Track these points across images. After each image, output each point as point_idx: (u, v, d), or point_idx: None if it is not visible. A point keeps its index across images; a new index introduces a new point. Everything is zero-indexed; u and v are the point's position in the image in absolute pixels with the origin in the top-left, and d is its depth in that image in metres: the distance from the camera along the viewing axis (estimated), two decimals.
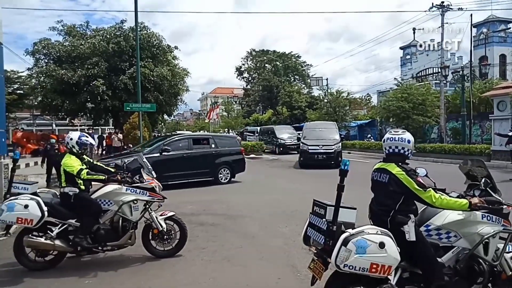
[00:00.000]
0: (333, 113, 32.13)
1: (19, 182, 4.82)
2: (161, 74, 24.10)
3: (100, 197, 4.83)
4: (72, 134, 5.03)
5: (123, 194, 4.82)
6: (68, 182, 4.74)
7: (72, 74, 22.48)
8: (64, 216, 4.67)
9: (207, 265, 4.82)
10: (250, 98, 57.23)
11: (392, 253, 2.74)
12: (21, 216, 4.34)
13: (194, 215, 7.76)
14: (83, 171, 4.65)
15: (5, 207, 4.38)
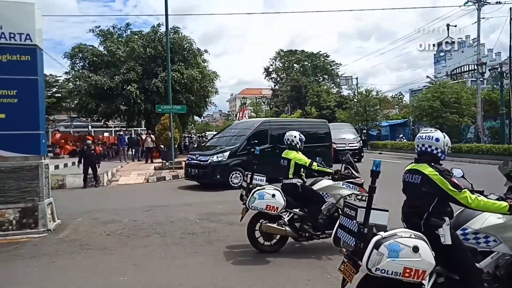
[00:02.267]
0: (363, 113, 31.52)
1: (257, 174, 5.58)
2: (191, 76, 24.55)
3: (319, 190, 5.37)
4: (294, 133, 5.64)
5: (340, 188, 5.34)
6: (295, 174, 5.35)
7: (106, 80, 23.30)
8: (291, 205, 5.17)
9: (236, 265, 4.86)
10: (279, 99, 57.08)
11: (426, 257, 2.65)
12: (269, 204, 4.97)
13: (223, 214, 7.85)
14: (313, 163, 5.30)
15: (257, 196, 5.01)
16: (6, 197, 6.47)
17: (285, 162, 5.51)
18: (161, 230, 6.65)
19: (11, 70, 6.53)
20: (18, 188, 6.55)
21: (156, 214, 7.99)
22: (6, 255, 5.41)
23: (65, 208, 8.20)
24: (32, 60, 6.67)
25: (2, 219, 6.44)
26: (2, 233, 6.38)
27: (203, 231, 6.50)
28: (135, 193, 11.76)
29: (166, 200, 9.95)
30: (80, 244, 5.90)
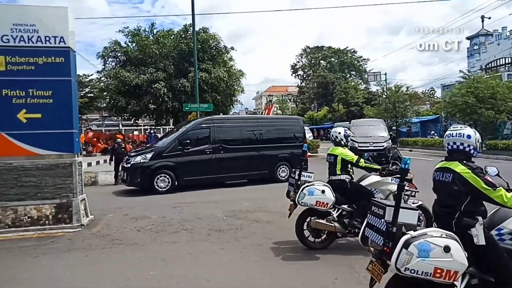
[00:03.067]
0: (393, 109, 30.78)
1: (306, 171, 5.65)
2: (218, 76, 24.80)
3: (367, 186, 5.39)
4: (339, 129, 5.70)
5: (389, 184, 5.34)
6: (342, 170, 5.35)
7: (134, 77, 23.88)
8: (339, 201, 5.19)
9: (263, 262, 4.87)
10: (305, 96, 56.69)
11: (458, 257, 2.57)
12: (319, 200, 5.01)
13: (249, 212, 7.89)
14: (361, 159, 5.33)
15: (307, 192, 5.04)
16: (43, 193, 6.78)
17: (332, 158, 5.50)
18: (188, 226, 6.77)
19: (47, 72, 6.82)
20: (53, 185, 6.84)
21: (183, 211, 8.13)
22: (44, 248, 5.68)
23: (97, 204, 8.49)
24: (66, 62, 6.93)
25: (39, 214, 6.75)
26: (40, 227, 6.69)
27: (230, 228, 6.56)
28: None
29: (193, 197, 10.10)
30: (111, 239, 6.10)
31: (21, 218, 6.70)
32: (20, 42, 6.70)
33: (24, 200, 6.72)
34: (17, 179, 6.69)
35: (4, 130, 6.68)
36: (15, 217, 6.68)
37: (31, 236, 6.40)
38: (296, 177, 5.55)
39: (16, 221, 6.67)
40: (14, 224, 6.66)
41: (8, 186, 6.66)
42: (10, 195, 6.68)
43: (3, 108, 6.67)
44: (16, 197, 6.69)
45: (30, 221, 6.72)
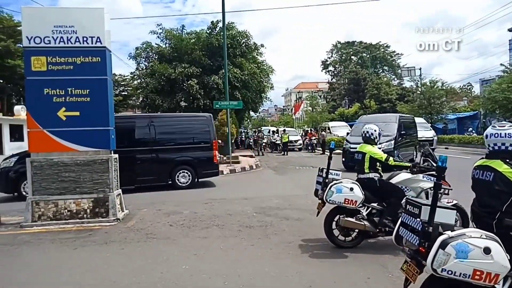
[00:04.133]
0: (427, 105, 29.78)
1: (332, 169, 5.54)
2: (251, 71, 24.90)
3: (398, 184, 5.30)
4: (373, 126, 5.60)
5: (421, 181, 5.24)
6: (371, 168, 5.28)
7: (172, 71, 24.38)
8: (368, 199, 5.15)
9: (293, 259, 4.86)
10: (336, 92, 55.85)
11: (500, 260, 2.45)
12: (348, 198, 4.96)
13: (279, 209, 7.89)
14: (390, 158, 5.23)
15: (335, 190, 5.01)
16: (81, 188, 7.08)
17: (360, 156, 5.42)
18: (219, 222, 6.86)
19: (84, 71, 7.09)
20: (91, 180, 7.12)
21: (214, 207, 8.25)
22: (82, 241, 5.93)
23: (132, 199, 8.77)
24: (102, 61, 7.18)
25: (78, 208, 7.06)
26: (78, 220, 7.00)
27: (260, 225, 6.59)
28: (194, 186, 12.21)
29: (223, 193, 10.23)
30: (146, 233, 6.28)
31: (61, 211, 7.04)
32: (60, 43, 7.01)
33: (64, 194, 7.05)
34: (57, 174, 7.03)
35: (46, 127, 7.02)
36: (56, 211, 7.02)
37: (71, 229, 6.70)
38: (323, 175, 5.48)
39: (57, 214, 7.01)
40: (55, 217, 7.00)
41: (50, 181, 7.01)
42: (51, 189, 7.02)
43: (44, 107, 7.00)
44: (57, 192, 7.03)
45: (69, 215, 7.04)
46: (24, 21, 7.20)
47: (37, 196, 6.99)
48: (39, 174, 7.00)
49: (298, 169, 16.47)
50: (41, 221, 6.94)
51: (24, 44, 7.07)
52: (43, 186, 7.00)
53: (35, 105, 7.11)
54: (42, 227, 6.79)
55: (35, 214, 6.96)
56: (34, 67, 6.97)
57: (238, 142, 29.98)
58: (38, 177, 7.00)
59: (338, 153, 20.34)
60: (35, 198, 6.97)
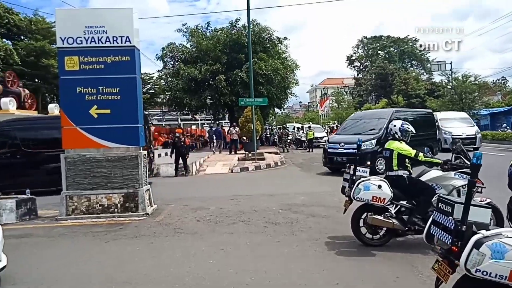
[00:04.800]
0: (459, 101, 28.79)
1: (361, 166, 5.51)
2: (274, 66, 24.86)
3: (428, 181, 5.17)
4: (395, 122, 5.46)
5: (452, 179, 5.08)
6: (399, 165, 5.17)
7: (198, 72, 24.74)
8: (397, 197, 5.05)
9: (320, 257, 4.84)
10: (362, 88, 54.89)
11: None
12: (375, 195, 4.89)
13: (305, 206, 7.86)
14: (419, 153, 5.09)
15: (362, 187, 4.94)
16: (112, 183, 7.31)
17: (388, 153, 5.31)
18: (245, 218, 6.91)
19: (115, 70, 7.30)
20: (121, 176, 7.34)
21: (240, 203, 8.31)
22: (113, 234, 6.13)
23: (160, 195, 8.97)
24: (131, 60, 7.36)
25: (109, 203, 7.30)
26: (109, 214, 7.23)
27: (286, 221, 6.59)
28: (220, 182, 12.36)
29: (249, 189, 10.29)
30: (173, 228, 6.42)
31: (93, 205, 7.29)
32: (91, 43, 7.24)
33: (96, 189, 7.29)
34: (90, 170, 7.28)
35: (79, 124, 7.28)
36: (88, 205, 7.29)
37: (102, 223, 6.94)
38: (351, 172, 5.39)
39: (90, 208, 7.27)
40: (87, 211, 7.27)
41: (83, 176, 7.27)
42: (84, 185, 7.29)
43: (77, 105, 7.26)
44: (89, 187, 7.29)
45: (101, 209, 7.29)
46: (58, 23, 7.49)
47: (71, 191, 7.27)
48: (72, 170, 7.28)
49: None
50: (74, 214, 7.22)
51: (58, 45, 7.35)
52: (76, 181, 7.28)
53: (68, 103, 7.38)
54: (75, 221, 7.07)
55: (69, 208, 7.25)
56: (68, 66, 7.24)
57: (263, 139, 30.02)
58: (71, 172, 7.28)
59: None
60: (69, 193, 7.26)
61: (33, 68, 31.99)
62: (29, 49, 32.16)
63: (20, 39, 34.83)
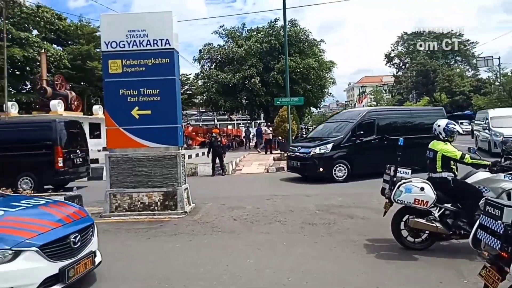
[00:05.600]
0: (508, 98, 27.13)
1: (401, 167, 5.14)
2: (308, 64, 24.75)
3: (475, 183, 4.96)
4: (440, 121, 5.22)
5: (502, 181, 4.84)
6: (444, 167, 4.96)
7: (231, 77, 25.14)
8: (441, 200, 4.86)
9: (359, 259, 4.75)
10: (402, 85, 53.09)
11: None
12: (418, 198, 4.71)
13: (343, 207, 7.73)
14: (466, 155, 4.89)
15: (404, 189, 4.75)
16: (153, 182, 7.55)
17: (431, 154, 5.09)
18: (282, 218, 6.90)
19: (155, 72, 7.53)
20: (161, 175, 7.56)
21: (276, 203, 8.32)
22: (154, 231, 6.34)
23: (198, 194, 9.15)
24: (171, 62, 7.56)
25: (150, 201, 7.55)
26: (150, 212, 7.48)
27: (323, 222, 6.52)
28: (256, 182, 12.43)
29: (285, 189, 10.26)
30: (211, 226, 6.54)
31: (135, 203, 7.57)
32: (133, 46, 7.51)
33: (138, 187, 7.57)
34: (132, 169, 7.57)
35: (121, 125, 7.58)
36: (130, 202, 7.58)
37: (143, 220, 7.19)
38: (391, 173, 5.19)
39: (131, 206, 7.56)
40: (130, 208, 7.56)
41: (125, 175, 7.57)
42: (126, 183, 7.58)
43: (120, 106, 7.57)
44: (131, 185, 7.58)
45: (142, 207, 7.56)
46: (102, 28, 7.85)
47: (114, 189, 7.60)
48: (115, 169, 7.60)
49: None
50: (117, 212, 7.53)
51: (102, 49, 7.70)
52: (120, 179, 7.59)
53: (112, 105, 7.72)
54: (118, 218, 7.38)
55: (113, 205, 7.57)
56: (111, 69, 7.56)
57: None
58: (115, 171, 7.60)
59: None
60: (112, 191, 7.59)
61: (79, 71, 33.73)
62: (76, 53, 33.93)
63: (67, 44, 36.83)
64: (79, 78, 34.30)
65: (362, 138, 11.68)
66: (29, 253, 3.34)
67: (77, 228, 3.92)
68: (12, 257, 3.25)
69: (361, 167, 11.54)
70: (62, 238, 3.65)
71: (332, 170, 11.29)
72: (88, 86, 35.59)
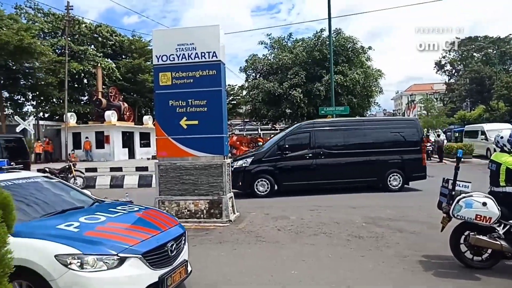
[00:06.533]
0: None
1: (460, 180, 4.82)
2: (354, 79, 24.34)
3: None
4: (503, 132, 4.99)
5: None
6: (508, 181, 4.64)
7: (276, 87, 25.36)
8: (506, 216, 4.56)
9: (409, 275, 4.53)
10: (455, 94, 50.37)
11: None
12: (480, 213, 4.45)
13: (391, 220, 7.45)
14: None
15: (463, 204, 4.52)
16: (199, 190, 7.74)
17: (494, 166, 4.76)
18: (327, 230, 6.77)
19: (202, 84, 7.76)
20: (207, 183, 7.73)
21: (321, 214, 8.17)
22: (200, 239, 6.47)
23: (242, 203, 9.24)
24: (217, 74, 7.76)
25: (196, 208, 7.73)
26: (196, 220, 7.65)
27: (370, 236, 6.31)
28: (300, 192, 12.29)
29: (330, 201, 10.06)
30: (255, 235, 6.56)
31: (182, 211, 7.78)
32: (182, 59, 7.80)
33: (185, 195, 7.79)
34: (179, 177, 7.81)
35: (170, 135, 7.87)
36: (177, 210, 7.80)
37: (190, 227, 7.33)
38: (449, 186, 4.87)
39: (179, 213, 7.77)
40: (177, 215, 7.73)
41: (173, 183, 7.82)
42: (174, 191, 7.83)
43: (169, 117, 7.86)
44: (179, 193, 7.81)
45: (188, 214, 7.75)
46: (154, 42, 8.25)
47: (163, 196, 7.87)
48: (164, 177, 7.88)
49: None
50: None
51: (154, 62, 8.08)
52: (168, 187, 7.85)
53: (162, 116, 8.04)
54: None
55: None
56: (162, 82, 7.89)
57: None
58: (163, 179, 7.88)
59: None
60: (161, 198, 7.86)
61: (131, 83, 35.61)
62: (128, 66, 35.93)
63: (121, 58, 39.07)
64: (131, 89, 36.23)
65: (288, 152, 11.16)
66: (134, 259, 3.30)
67: (173, 236, 3.85)
68: (117, 263, 3.21)
69: (289, 183, 11.14)
70: (161, 245, 3.59)
71: (254, 184, 11.02)
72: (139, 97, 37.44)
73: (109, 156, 27.71)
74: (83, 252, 3.13)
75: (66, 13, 29.09)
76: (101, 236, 3.42)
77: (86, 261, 3.10)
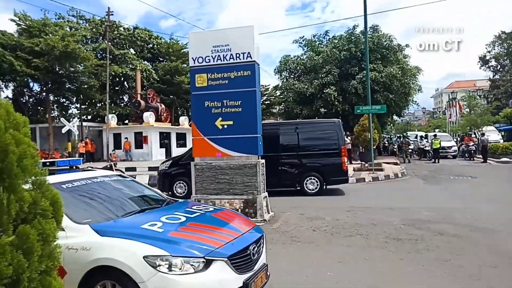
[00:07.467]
0: None
1: None
2: (390, 74, 23.65)
3: None
4: None
5: None
6: None
7: (308, 87, 25.21)
8: None
9: (452, 280, 4.35)
10: (500, 90, 47.68)
11: None
12: None
13: (431, 222, 7.18)
14: None
15: None
16: (234, 189, 7.83)
17: None
18: (363, 231, 6.64)
19: (237, 84, 7.84)
20: (242, 183, 7.81)
21: (357, 215, 8.02)
22: None
23: (276, 202, 9.23)
24: (252, 75, 7.81)
25: (231, 207, 7.80)
26: None
27: (409, 238, 6.12)
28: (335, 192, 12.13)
29: (366, 201, 9.86)
30: (290, 236, 6.54)
31: None
32: (218, 61, 7.92)
33: (220, 194, 7.91)
34: (215, 177, 7.94)
35: (206, 135, 8.02)
36: None
37: None
38: None
39: None
40: None
41: (209, 182, 7.97)
42: (209, 190, 7.98)
43: (205, 117, 8.01)
44: (214, 192, 7.94)
45: None
46: (190, 45, 8.43)
47: (199, 195, 8.03)
48: (200, 176, 8.05)
49: (453, 179, 14.65)
50: None
51: (190, 64, 8.25)
52: (204, 186, 8.01)
53: (198, 116, 8.21)
54: None
55: None
56: (197, 83, 8.06)
57: (381, 148, 28.46)
58: (199, 178, 8.05)
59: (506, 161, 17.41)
60: (197, 197, 8.03)
61: (168, 85, 36.59)
62: (165, 69, 36.95)
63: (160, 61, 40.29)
64: (168, 91, 37.22)
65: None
66: (220, 263, 3.11)
67: (254, 238, 3.67)
68: (203, 266, 3.04)
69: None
70: (244, 248, 3.39)
71: (173, 186, 11.41)
72: (176, 99, 38.38)
73: (147, 156, 28.60)
74: (171, 253, 2.98)
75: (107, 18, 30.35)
76: (185, 237, 3.29)
77: (174, 264, 2.95)
